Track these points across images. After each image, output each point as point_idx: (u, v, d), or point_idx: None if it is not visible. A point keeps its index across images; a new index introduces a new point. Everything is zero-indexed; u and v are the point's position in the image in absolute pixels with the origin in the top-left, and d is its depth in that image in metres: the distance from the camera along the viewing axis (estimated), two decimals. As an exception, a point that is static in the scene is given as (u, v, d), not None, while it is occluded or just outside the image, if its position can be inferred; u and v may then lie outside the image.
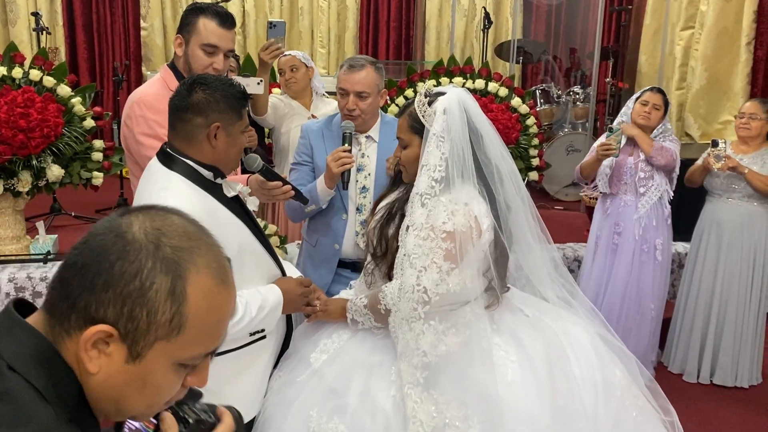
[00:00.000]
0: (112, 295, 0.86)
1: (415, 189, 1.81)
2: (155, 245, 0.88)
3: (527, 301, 1.96)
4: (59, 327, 0.89)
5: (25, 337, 0.89)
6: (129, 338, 0.87)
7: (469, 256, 1.73)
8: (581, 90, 6.77)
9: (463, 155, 1.79)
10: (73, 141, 4.12)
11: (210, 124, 1.73)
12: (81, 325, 0.87)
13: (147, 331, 0.87)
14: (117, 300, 0.86)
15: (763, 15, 5.12)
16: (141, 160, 2.23)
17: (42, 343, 0.89)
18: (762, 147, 3.76)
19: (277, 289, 1.85)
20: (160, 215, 0.93)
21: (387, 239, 1.89)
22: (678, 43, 5.97)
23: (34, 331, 0.90)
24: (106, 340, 0.87)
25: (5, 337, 0.89)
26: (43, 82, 4.15)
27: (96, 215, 5.38)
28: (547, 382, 1.76)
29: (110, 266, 0.87)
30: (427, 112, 1.85)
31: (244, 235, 1.80)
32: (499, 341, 1.79)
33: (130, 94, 2.40)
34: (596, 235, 3.81)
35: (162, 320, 0.87)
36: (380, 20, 8.04)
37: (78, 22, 7.35)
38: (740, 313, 3.78)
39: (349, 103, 2.45)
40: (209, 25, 2.24)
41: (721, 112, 5.63)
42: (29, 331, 0.89)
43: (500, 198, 1.84)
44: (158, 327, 0.87)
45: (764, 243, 3.77)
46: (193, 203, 1.68)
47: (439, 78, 4.71)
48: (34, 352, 0.88)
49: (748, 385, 3.82)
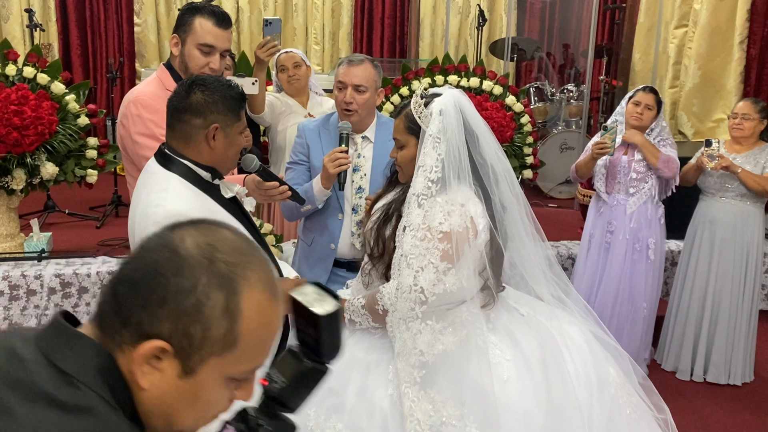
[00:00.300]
0: (167, 311, 0.86)
1: (412, 190, 1.82)
2: (209, 261, 0.88)
3: (522, 300, 1.97)
4: (111, 341, 0.89)
5: (87, 350, 0.88)
6: (182, 354, 0.87)
7: (466, 256, 1.74)
8: (575, 88, 6.79)
9: (459, 156, 1.81)
10: (67, 139, 4.11)
11: (208, 125, 1.74)
12: (134, 340, 0.87)
13: (201, 346, 0.87)
14: (172, 316, 0.86)
15: (756, 14, 5.15)
16: (137, 160, 2.23)
17: (104, 357, 0.88)
18: (755, 146, 3.78)
19: None
20: (211, 230, 0.92)
21: (384, 240, 1.90)
22: (671, 42, 5.99)
23: (95, 344, 0.89)
24: (160, 356, 0.87)
25: (64, 350, 0.88)
26: (37, 80, 4.14)
27: (90, 212, 5.37)
28: (542, 380, 1.78)
29: (165, 282, 0.86)
30: (423, 113, 1.86)
31: None
32: (494, 340, 1.81)
33: (127, 92, 2.39)
34: (590, 233, 3.83)
35: (216, 336, 0.87)
36: (374, 17, 8.04)
37: (71, 18, 7.32)
38: (733, 311, 3.81)
39: (347, 96, 2.46)
40: (205, 24, 2.24)
41: (714, 111, 5.66)
42: (90, 345, 0.89)
43: (496, 198, 1.86)
44: (212, 343, 0.87)
45: (757, 242, 3.80)
46: (192, 204, 1.69)
47: (434, 76, 4.71)
48: (98, 365, 0.87)
49: (741, 382, 3.86)
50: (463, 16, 8.23)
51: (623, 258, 3.65)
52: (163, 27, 7.65)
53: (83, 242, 4.60)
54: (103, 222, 5.10)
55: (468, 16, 8.27)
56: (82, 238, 4.72)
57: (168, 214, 1.65)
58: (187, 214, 1.64)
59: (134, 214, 1.74)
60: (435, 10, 8.18)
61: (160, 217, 1.65)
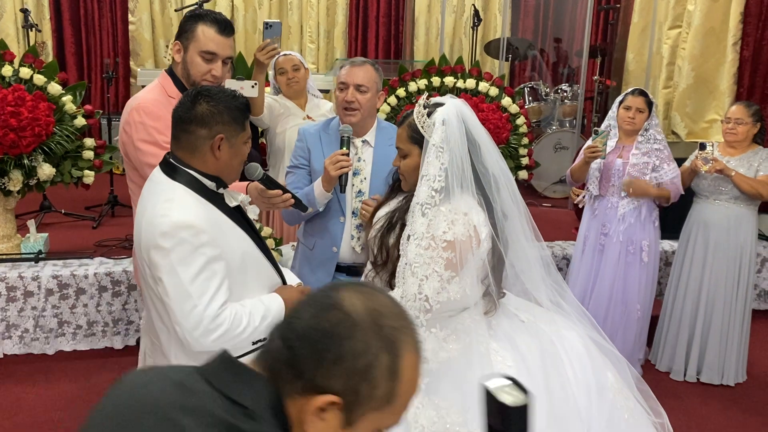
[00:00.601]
0: (341, 369, 0.95)
1: (416, 199, 1.84)
2: (378, 326, 0.98)
3: (522, 306, 2.00)
4: (279, 386, 0.97)
5: (263, 389, 0.97)
6: (348, 408, 0.96)
7: (469, 264, 1.77)
8: (569, 88, 6.82)
9: (462, 166, 1.83)
10: (64, 140, 4.11)
11: (214, 135, 1.75)
12: (304, 392, 0.96)
13: (365, 402, 0.97)
14: (344, 374, 0.95)
15: (750, 16, 5.19)
16: (140, 167, 2.24)
17: (276, 399, 0.97)
18: (748, 149, 3.82)
19: (278, 298, 1.88)
20: (373, 294, 1.02)
21: (387, 248, 1.92)
22: (665, 42, 6.03)
23: (270, 385, 0.98)
24: (328, 408, 0.96)
25: (239, 386, 0.97)
26: (34, 80, 4.14)
27: (86, 212, 5.36)
28: (543, 386, 1.80)
29: (340, 343, 0.96)
30: (426, 123, 1.88)
31: (247, 244, 1.83)
32: (496, 346, 1.83)
33: (122, 91, 2.40)
34: (584, 235, 3.86)
35: (379, 394, 0.97)
36: (369, 16, 8.04)
37: (65, 17, 7.29)
38: (727, 312, 3.85)
39: (348, 95, 2.48)
40: (208, 32, 2.25)
41: (707, 111, 5.70)
42: (265, 385, 0.98)
43: (497, 206, 1.88)
44: (375, 399, 0.97)
45: (750, 244, 3.84)
46: (198, 214, 1.71)
47: (430, 77, 4.74)
48: (272, 405, 0.96)
49: (734, 383, 3.90)
50: (457, 15, 8.25)
51: (617, 260, 3.68)
52: (157, 25, 7.63)
53: (80, 243, 4.59)
54: (99, 222, 5.09)
55: (462, 15, 8.29)
56: (79, 238, 4.72)
57: (174, 223, 1.67)
58: (193, 224, 1.67)
59: (140, 223, 1.75)
60: (430, 8, 8.20)
61: (167, 227, 1.67)
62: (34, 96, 4.06)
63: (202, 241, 1.68)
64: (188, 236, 1.67)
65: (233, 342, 1.75)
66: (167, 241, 1.66)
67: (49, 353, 3.94)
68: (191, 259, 1.67)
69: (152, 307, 1.82)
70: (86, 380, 3.67)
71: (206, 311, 1.68)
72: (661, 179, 3.61)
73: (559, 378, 1.83)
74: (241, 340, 1.76)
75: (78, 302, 3.99)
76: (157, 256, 1.68)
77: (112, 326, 4.05)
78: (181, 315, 1.68)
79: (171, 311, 1.70)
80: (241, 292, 1.80)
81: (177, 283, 1.67)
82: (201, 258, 1.68)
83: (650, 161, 3.59)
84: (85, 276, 3.98)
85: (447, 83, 4.70)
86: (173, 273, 1.67)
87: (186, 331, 1.69)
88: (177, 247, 1.66)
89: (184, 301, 1.68)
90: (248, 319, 1.76)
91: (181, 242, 1.66)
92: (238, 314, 1.74)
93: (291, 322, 1.01)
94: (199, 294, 1.68)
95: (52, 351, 3.95)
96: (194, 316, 1.68)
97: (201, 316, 1.68)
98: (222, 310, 1.71)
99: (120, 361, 3.91)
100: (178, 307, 1.68)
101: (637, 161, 3.60)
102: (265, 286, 1.90)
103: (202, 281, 1.68)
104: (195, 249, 1.67)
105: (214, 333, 1.69)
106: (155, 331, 1.85)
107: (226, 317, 1.71)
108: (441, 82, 4.71)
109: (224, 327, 1.70)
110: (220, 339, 1.71)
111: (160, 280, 1.69)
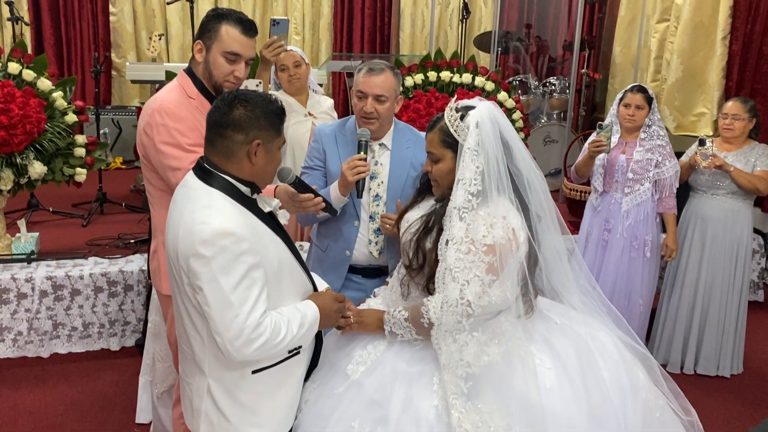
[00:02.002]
0: None
1: (452, 203, 1.82)
2: None
3: (555, 308, 2.00)
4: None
5: None
6: None
7: (509, 267, 1.75)
8: (557, 81, 6.85)
9: (498, 168, 1.81)
10: (56, 137, 4.00)
11: (251, 141, 1.72)
12: None
13: None
14: None
15: (739, 10, 5.24)
16: (162, 170, 2.18)
17: None
18: (745, 145, 3.86)
19: (314, 305, 1.84)
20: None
21: (424, 252, 1.90)
22: (653, 36, 6.06)
23: None
24: None
25: None
26: (23, 76, 4.02)
27: (73, 209, 5.25)
28: (581, 387, 1.80)
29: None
30: (459, 127, 1.86)
31: (282, 250, 1.79)
32: (534, 349, 1.83)
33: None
34: (587, 230, 3.88)
35: None
36: (355, 7, 7.98)
37: (44, 8, 7.10)
38: (723, 305, 3.90)
39: (367, 106, 2.42)
40: (232, 32, 2.20)
41: (696, 105, 5.75)
42: None
43: (532, 208, 1.87)
44: None
45: (746, 238, 3.89)
46: (238, 221, 1.67)
47: (426, 72, 4.70)
48: None
49: (729, 374, 3.96)
50: (442, 7, 8.23)
51: (620, 255, 3.70)
52: (139, 17, 7.48)
53: (71, 242, 4.49)
54: (89, 220, 4.99)
55: (448, 7, 8.27)
56: (69, 237, 4.62)
57: (215, 231, 1.63)
58: (234, 231, 1.63)
59: (176, 231, 1.70)
60: (415, 1, 8.16)
61: (207, 234, 1.62)
62: (24, 92, 3.94)
63: (242, 248, 1.64)
64: (229, 244, 1.63)
65: (273, 351, 1.71)
66: (208, 250, 1.62)
67: (44, 356, 3.85)
68: (232, 267, 1.63)
69: (185, 316, 1.78)
70: (84, 383, 3.60)
71: (248, 320, 1.64)
72: (663, 176, 3.64)
73: (596, 379, 1.83)
74: (280, 350, 1.73)
75: (73, 303, 3.90)
76: (197, 264, 1.63)
77: (109, 327, 3.97)
78: (222, 324, 1.64)
79: (211, 320, 1.66)
80: (277, 299, 1.76)
81: (218, 292, 1.63)
82: (242, 266, 1.64)
83: (653, 158, 3.61)
84: (81, 276, 3.89)
85: (443, 78, 4.68)
86: (214, 282, 1.63)
87: (227, 341, 1.65)
88: (218, 256, 1.62)
89: (225, 311, 1.63)
90: (287, 327, 1.73)
91: (222, 250, 1.62)
92: (278, 323, 1.71)
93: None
94: (240, 303, 1.64)
95: (47, 354, 3.87)
96: (236, 326, 1.64)
97: (242, 326, 1.64)
98: (263, 319, 1.67)
99: (117, 363, 3.84)
100: (219, 316, 1.64)
101: (640, 158, 3.62)
102: (299, 292, 1.87)
103: (243, 290, 1.64)
104: (236, 257, 1.63)
105: (256, 342, 1.66)
106: (187, 339, 1.81)
107: (266, 326, 1.67)
108: (437, 76, 4.69)
109: (265, 336, 1.67)
110: (261, 348, 1.68)
111: (200, 288, 1.65)
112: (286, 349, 1.76)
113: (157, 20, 7.52)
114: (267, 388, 1.80)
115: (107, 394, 3.50)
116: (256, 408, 1.80)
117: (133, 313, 3.98)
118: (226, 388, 1.77)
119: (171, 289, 1.83)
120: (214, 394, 1.78)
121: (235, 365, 1.75)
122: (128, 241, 4.41)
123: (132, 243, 4.38)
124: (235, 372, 1.76)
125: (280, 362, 1.81)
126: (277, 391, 1.83)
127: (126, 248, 4.30)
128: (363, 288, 2.53)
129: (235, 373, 1.76)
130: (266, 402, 1.80)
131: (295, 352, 1.83)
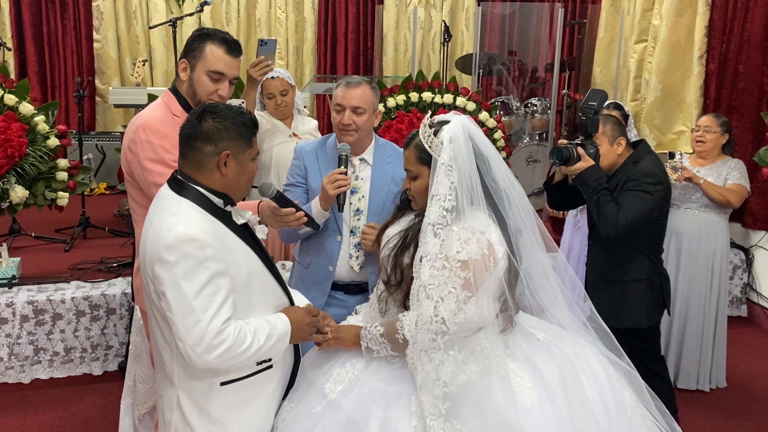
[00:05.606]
0: None
1: (427, 219, 1.82)
2: None
3: (541, 325, 1.98)
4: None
5: None
6: None
7: (485, 284, 1.75)
8: (538, 102, 6.93)
9: (471, 183, 1.82)
10: (37, 161, 4.00)
11: (220, 152, 1.74)
12: None
13: None
14: None
15: (714, 30, 5.34)
16: (146, 186, 2.19)
17: None
18: (718, 159, 3.91)
19: (285, 318, 1.84)
20: None
21: (402, 268, 1.89)
22: (632, 56, 6.17)
23: None
24: None
25: None
26: (5, 100, 4.02)
27: (57, 235, 5.21)
28: (564, 407, 1.78)
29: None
30: (433, 143, 1.87)
31: (253, 262, 1.80)
32: (514, 367, 1.81)
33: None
34: (568, 246, 3.90)
35: None
36: (338, 32, 8.05)
37: (27, 35, 7.11)
38: (701, 318, 3.90)
39: (345, 118, 2.45)
40: (216, 52, 2.23)
41: (675, 123, 5.83)
42: None
43: (510, 222, 1.87)
44: None
45: (722, 250, 3.91)
46: (204, 228, 1.68)
47: (408, 93, 4.76)
48: None
49: (709, 388, 3.96)
50: (425, 30, 8.32)
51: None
52: (123, 43, 7.50)
53: (53, 266, 4.46)
54: (71, 245, 4.95)
55: (430, 30, 8.36)
56: (51, 262, 4.58)
57: (179, 237, 1.64)
58: (198, 237, 1.64)
59: (146, 238, 1.71)
60: (398, 24, 8.25)
61: (171, 240, 1.63)
62: (5, 116, 3.94)
63: (206, 255, 1.65)
64: (193, 250, 1.63)
65: (236, 360, 1.70)
66: (171, 255, 1.62)
67: (25, 382, 3.80)
68: (195, 273, 1.63)
69: (155, 326, 1.77)
70: (65, 408, 3.55)
71: (209, 326, 1.64)
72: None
73: (579, 398, 1.81)
74: (245, 359, 1.72)
75: (54, 328, 3.86)
76: (161, 269, 1.64)
77: (91, 352, 3.93)
78: (183, 330, 1.64)
79: (174, 326, 1.66)
80: (246, 310, 1.76)
81: (180, 298, 1.63)
82: (205, 272, 1.64)
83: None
84: (62, 301, 3.86)
85: (425, 99, 4.73)
86: (177, 287, 1.63)
87: (188, 347, 1.64)
88: (181, 261, 1.62)
89: (186, 316, 1.63)
90: (253, 337, 1.72)
91: (185, 256, 1.63)
92: (243, 331, 1.70)
93: None
94: (203, 309, 1.63)
95: (28, 380, 3.81)
96: (197, 332, 1.63)
97: (204, 332, 1.63)
98: (226, 326, 1.67)
99: (99, 388, 3.79)
100: (180, 322, 1.64)
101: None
102: (271, 305, 1.87)
103: (206, 296, 1.64)
104: (200, 263, 1.64)
105: (218, 349, 1.65)
106: (158, 350, 1.80)
107: (229, 333, 1.67)
108: (419, 97, 4.74)
109: (227, 343, 1.66)
110: (223, 356, 1.66)
111: (163, 294, 1.65)
112: (254, 360, 1.76)
113: (141, 46, 7.55)
114: (237, 402, 1.79)
115: (89, 418, 3.46)
116: (225, 423, 1.78)
117: (116, 336, 3.95)
118: (195, 400, 1.76)
119: (145, 301, 1.82)
120: (183, 406, 1.76)
121: (203, 375, 1.74)
122: (111, 264, 4.38)
123: (115, 266, 4.35)
124: (203, 383, 1.75)
125: (250, 375, 1.80)
126: (247, 405, 1.81)
127: (109, 272, 4.27)
128: (346, 305, 2.53)
129: (203, 383, 1.75)
130: (236, 417, 1.79)
131: (267, 365, 1.82)
